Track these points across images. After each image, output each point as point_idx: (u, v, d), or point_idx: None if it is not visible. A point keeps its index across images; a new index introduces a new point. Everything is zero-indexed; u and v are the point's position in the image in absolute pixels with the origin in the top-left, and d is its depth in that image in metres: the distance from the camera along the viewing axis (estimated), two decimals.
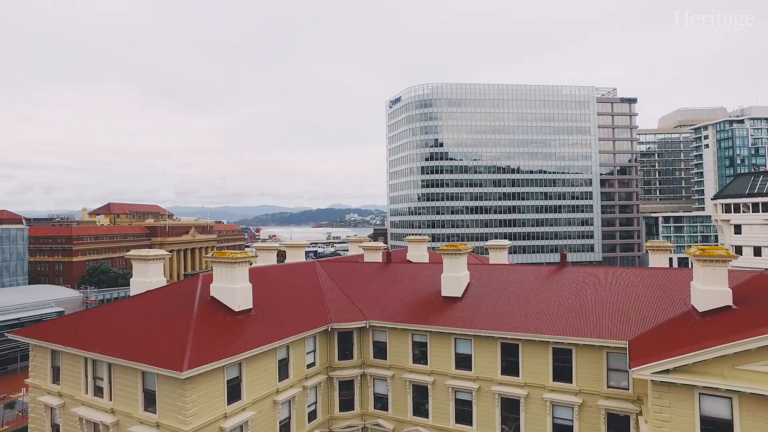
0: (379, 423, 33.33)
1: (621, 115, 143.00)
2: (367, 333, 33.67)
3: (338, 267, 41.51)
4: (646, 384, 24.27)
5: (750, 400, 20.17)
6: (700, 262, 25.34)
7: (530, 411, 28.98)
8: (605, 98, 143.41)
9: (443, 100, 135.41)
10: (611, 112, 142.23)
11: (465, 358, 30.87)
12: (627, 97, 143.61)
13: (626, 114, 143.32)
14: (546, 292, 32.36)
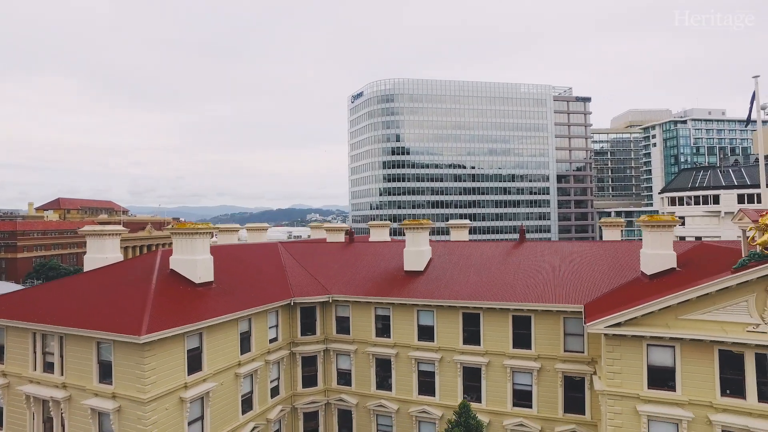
0: (342, 398, 33.36)
1: (576, 113, 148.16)
2: (330, 308, 33.65)
3: (300, 247, 41.30)
4: (600, 346, 25.41)
5: (690, 346, 21.51)
6: (648, 228, 26.70)
7: (491, 378, 29.68)
8: (561, 97, 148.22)
9: (405, 96, 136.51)
10: (567, 110, 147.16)
11: (427, 330, 31.32)
12: (581, 96, 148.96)
13: (581, 112, 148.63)
14: (506, 264, 33.24)
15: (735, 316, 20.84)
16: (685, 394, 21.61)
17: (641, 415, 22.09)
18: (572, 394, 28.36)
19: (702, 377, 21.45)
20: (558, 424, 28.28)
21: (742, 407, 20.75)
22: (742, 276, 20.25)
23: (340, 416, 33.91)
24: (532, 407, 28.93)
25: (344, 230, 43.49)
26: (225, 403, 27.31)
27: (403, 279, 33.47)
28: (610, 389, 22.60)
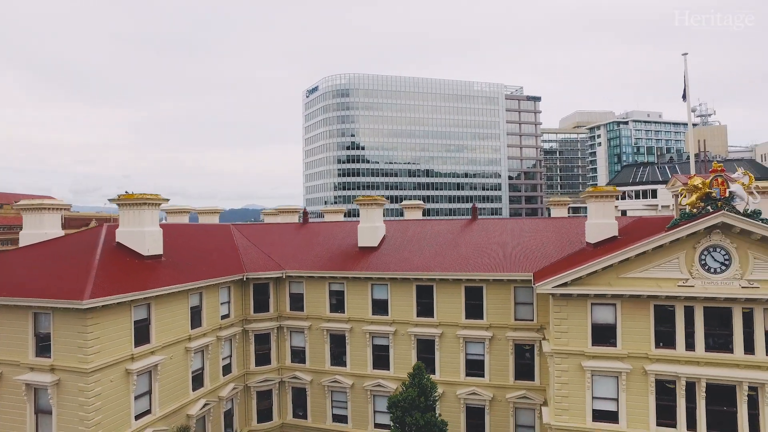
0: (296, 375, 33.10)
1: (526, 111, 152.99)
2: (284, 284, 33.31)
3: (254, 228, 40.68)
4: (548, 313, 26.35)
5: (629, 303, 22.77)
6: (593, 198, 27.98)
7: (444, 349, 30.21)
8: (513, 96, 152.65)
9: (360, 91, 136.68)
10: (518, 108, 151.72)
11: (382, 304, 31.54)
12: (532, 95, 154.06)
13: (531, 111, 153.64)
14: (459, 239, 33.93)
15: (668, 273, 22.19)
16: (625, 348, 22.81)
17: (586, 370, 23.13)
18: (522, 361, 29.29)
19: (639, 332, 22.70)
20: (509, 391, 29.13)
21: (672, 356, 22.17)
22: (674, 234, 21.59)
23: (295, 394, 33.63)
24: (484, 376, 29.66)
25: (298, 211, 43.13)
26: (175, 378, 26.57)
27: (357, 255, 33.56)
28: (558, 348, 23.54)
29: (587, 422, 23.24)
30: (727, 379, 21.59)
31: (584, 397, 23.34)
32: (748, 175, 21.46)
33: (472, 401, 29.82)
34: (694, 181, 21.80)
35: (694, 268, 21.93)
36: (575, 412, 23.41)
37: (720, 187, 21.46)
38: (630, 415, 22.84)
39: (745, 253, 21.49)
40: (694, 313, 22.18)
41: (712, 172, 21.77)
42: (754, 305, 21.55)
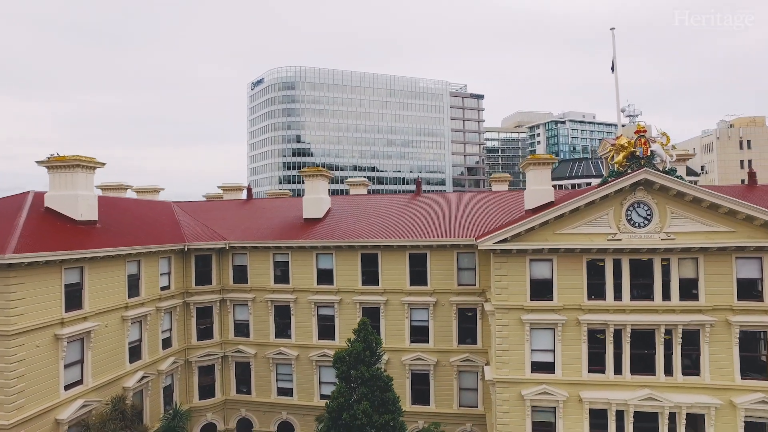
0: (240, 349, 32.47)
1: (470, 109, 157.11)
2: (227, 256, 32.61)
3: (196, 205, 39.51)
4: (489, 277, 27.30)
5: (564, 258, 24.05)
6: (531, 166, 29.23)
7: (390, 317, 30.57)
8: (457, 93, 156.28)
9: (307, 84, 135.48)
10: (462, 106, 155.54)
11: (327, 273, 31.50)
12: (476, 93, 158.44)
13: (475, 108, 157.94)
14: (404, 211, 34.48)
15: (598, 228, 23.60)
16: (561, 301, 24.03)
17: (525, 323, 24.16)
18: (465, 325, 30.12)
19: (573, 285, 23.99)
20: (452, 355, 29.88)
21: (602, 306, 23.63)
22: (603, 190, 23.01)
23: (238, 369, 32.98)
24: (428, 341, 30.28)
25: (243, 188, 42.31)
26: (110, 347, 25.45)
27: (302, 226, 33.37)
28: (499, 303, 24.44)
29: (526, 374, 24.29)
30: (648, 323, 23.25)
31: (523, 349, 24.36)
32: (666, 136, 23.21)
33: (417, 367, 30.38)
34: (621, 141, 23.34)
35: (621, 222, 23.44)
36: (515, 364, 24.39)
37: (643, 146, 23.09)
38: (565, 364, 24.08)
39: (664, 208, 23.22)
40: (621, 266, 23.71)
41: (636, 133, 23.39)
42: (671, 255, 23.34)
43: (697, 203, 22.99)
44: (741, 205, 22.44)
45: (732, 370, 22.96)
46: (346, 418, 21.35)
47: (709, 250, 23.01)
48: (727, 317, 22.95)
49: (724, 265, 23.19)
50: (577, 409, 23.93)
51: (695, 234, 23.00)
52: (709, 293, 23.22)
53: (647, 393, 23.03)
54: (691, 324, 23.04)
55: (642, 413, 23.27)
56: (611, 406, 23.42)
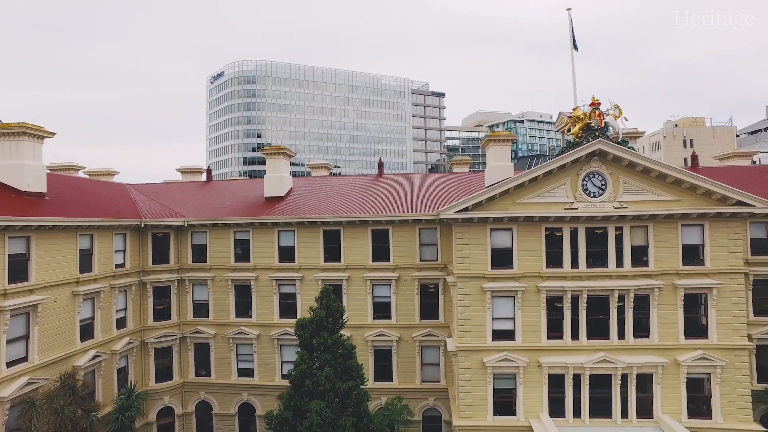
0: (199, 330, 31.68)
1: (432, 107, 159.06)
2: (186, 234, 31.76)
3: (153, 186, 38.33)
4: (451, 252, 27.71)
5: (524, 227, 24.69)
6: (491, 143, 29.82)
7: (352, 293, 30.48)
8: (419, 91, 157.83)
9: (268, 78, 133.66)
10: (424, 103, 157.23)
11: (288, 250, 31.16)
12: (437, 92, 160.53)
13: (436, 106, 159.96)
14: (366, 191, 34.54)
15: (556, 198, 24.36)
16: (520, 269, 24.62)
17: (486, 291, 24.61)
18: (427, 301, 30.37)
19: (533, 253, 24.64)
20: (415, 330, 30.09)
21: (560, 273, 24.39)
22: (560, 160, 23.78)
23: (197, 350, 32.17)
24: (391, 317, 30.38)
25: (202, 171, 41.33)
26: (59, 323, 24.34)
27: (263, 205, 32.90)
28: (461, 272, 24.80)
29: (488, 342, 24.76)
30: (603, 289, 24.15)
31: (485, 318, 24.82)
32: (618, 109, 24.21)
33: (380, 343, 30.43)
34: (577, 113, 24.20)
35: (577, 192, 24.26)
36: (477, 333, 24.81)
37: (597, 118, 24.01)
38: (525, 331, 24.68)
39: (617, 178, 24.20)
40: (578, 234, 24.53)
41: (591, 105, 24.28)
42: (623, 223, 24.33)
43: (646, 173, 24.06)
44: (685, 174, 23.67)
45: (677, 331, 24.15)
46: (308, 384, 21.17)
47: (657, 217, 24.12)
48: (674, 281, 24.12)
49: (670, 233, 24.37)
50: (537, 375, 24.57)
51: (645, 203, 24.07)
52: (657, 259, 24.34)
53: (602, 356, 23.90)
54: (642, 288, 24.08)
55: (597, 375, 24.14)
56: (569, 370, 24.18)
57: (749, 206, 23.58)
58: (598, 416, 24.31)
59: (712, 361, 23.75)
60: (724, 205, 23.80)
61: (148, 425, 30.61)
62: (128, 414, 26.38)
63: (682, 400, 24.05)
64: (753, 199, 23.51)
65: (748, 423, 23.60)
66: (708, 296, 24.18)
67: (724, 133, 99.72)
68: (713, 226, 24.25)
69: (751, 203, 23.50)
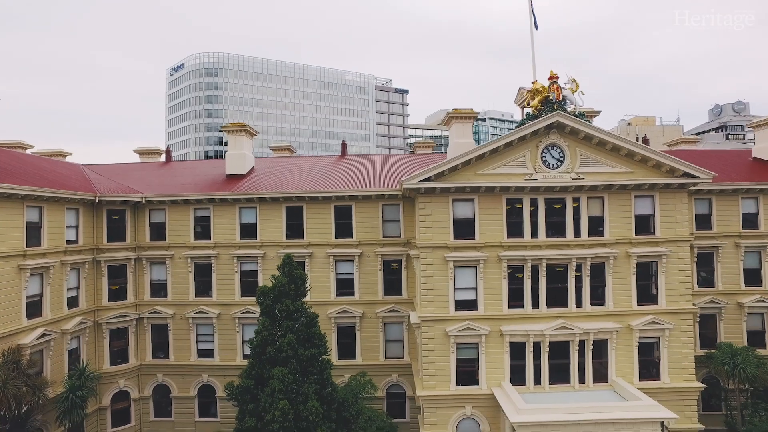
0: (157, 310, 30.76)
1: (395, 103, 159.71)
2: (143, 212, 30.77)
3: (108, 167, 36.89)
4: (413, 227, 27.92)
5: (485, 198, 25.17)
6: (454, 120, 30.20)
7: (315, 270, 30.23)
8: (383, 87, 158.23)
9: (230, 71, 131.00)
10: (387, 100, 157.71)
11: (250, 228, 30.67)
12: (401, 88, 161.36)
13: (399, 103, 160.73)
14: (330, 170, 34.38)
15: (517, 169, 24.93)
16: (482, 239, 25.04)
17: (448, 261, 24.91)
18: (391, 277, 30.48)
19: (494, 224, 25.11)
20: (378, 306, 30.12)
21: (521, 243, 24.97)
22: (520, 131, 24.38)
23: (155, 331, 31.22)
24: (354, 294, 30.32)
25: (161, 152, 40.14)
26: (2, 298, 23.11)
27: (224, 182, 32.28)
28: (423, 242, 25.01)
29: (450, 311, 25.07)
30: (561, 258, 24.87)
31: (447, 288, 25.12)
32: (575, 83, 24.98)
33: (343, 320, 30.33)
34: (536, 86, 24.82)
35: (537, 164, 24.89)
36: (440, 303, 25.09)
37: (556, 91, 24.70)
38: (487, 300, 25.13)
39: (575, 150, 24.98)
40: (538, 205, 25.18)
41: (550, 79, 24.95)
42: (580, 194, 25.13)
43: (602, 146, 24.91)
44: (638, 146, 24.71)
45: (630, 298, 25.15)
46: (270, 352, 20.87)
47: (612, 188, 25.02)
48: (627, 250, 25.09)
49: (624, 203, 25.34)
50: (499, 344, 25.04)
51: (601, 174, 24.94)
52: (612, 229, 25.25)
53: (561, 323, 24.59)
54: (598, 257, 24.93)
55: (556, 343, 24.83)
56: (529, 337, 24.76)
57: (694, 177, 24.79)
58: (557, 383, 25.01)
59: (661, 324, 24.84)
60: (672, 177, 24.93)
61: (101, 410, 29.48)
62: (80, 394, 25.32)
63: (634, 363, 25.04)
64: (697, 170, 24.72)
65: (691, 381, 24.86)
66: (658, 264, 25.26)
67: (672, 131, 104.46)
68: (663, 197, 25.35)
69: (696, 174, 24.71)
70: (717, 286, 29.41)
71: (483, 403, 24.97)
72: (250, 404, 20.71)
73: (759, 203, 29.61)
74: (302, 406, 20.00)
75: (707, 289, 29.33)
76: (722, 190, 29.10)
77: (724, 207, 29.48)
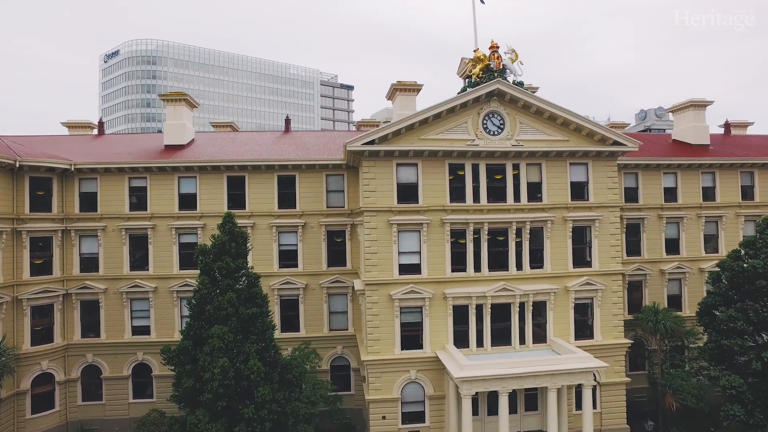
0: (87, 285, 29.00)
1: (341, 99, 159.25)
2: (72, 181, 28.97)
3: (33, 139, 34.48)
4: (358, 198, 27.88)
5: (428, 163, 25.57)
6: (398, 92, 30.43)
7: (258, 241, 29.51)
8: (328, 82, 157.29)
9: (170, 60, 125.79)
10: (332, 95, 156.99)
11: (190, 198, 29.59)
12: (346, 84, 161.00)
13: (345, 99, 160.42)
14: (273, 144, 33.81)
15: (459, 135, 25.46)
16: (425, 204, 25.37)
17: (392, 225, 25.05)
18: (335, 248, 30.26)
19: (437, 188, 25.52)
20: (322, 278, 29.83)
21: (463, 207, 25.51)
22: (461, 97, 24.93)
23: (84, 308, 29.43)
24: (297, 265, 29.87)
25: (92, 126, 37.94)
26: None
27: (162, 152, 30.97)
28: (367, 206, 25.02)
29: (395, 275, 25.20)
30: (502, 222, 25.62)
31: (391, 252, 25.24)
32: (515, 52, 25.83)
33: (287, 292, 29.80)
34: (478, 54, 25.48)
35: (478, 130, 25.53)
36: (384, 267, 25.16)
37: (496, 60, 25.43)
38: (430, 264, 25.46)
39: (514, 118, 25.83)
40: (479, 170, 25.81)
41: (491, 48, 25.67)
42: (520, 160, 26.02)
43: (540, 114, 25.91)
44: (572, 115, 25.80)
45: (567, 260, 26.28)
46: (209, 310, 20.16)
47: (549, 155, 26.07)
48: (563, 214, 26.21)
49: (561, 170, 26.47)
50: (442, 307, 25.44)
51: (539, 142, 25.95)
52: (550, 194, 26.30)
53: (502, 285, 25.32)
54: (537, 221, 25.88)
55: (498, 305, 25.55)
56: (472, 300, 25.32)
57: (623, 145, 26.28)
58: (499, 344, 25.73)
59: (594, 285, 26.12)
60: (604, 145, 26.29)
61: (19, 395, 27.21)
62: None
63: (570, 324, 26.18)
64: (625, 139, 26.26)
65: (620, 338, 26.35)
66: (591, 228, 26.56)
67: None
68: (595, 165, 26.70)
69: (624, 142, 26.22)
70: (643, 254, 31.32)
71: (427, 367, 25.29)
72: (187, 365, 19.89)
73: (678, 178, 31.91)
74: (243, 365, 19.44)
75: (634, 257, 31.16)
76: (647, 165, 31.06)
77: (648, 181, 31.49)
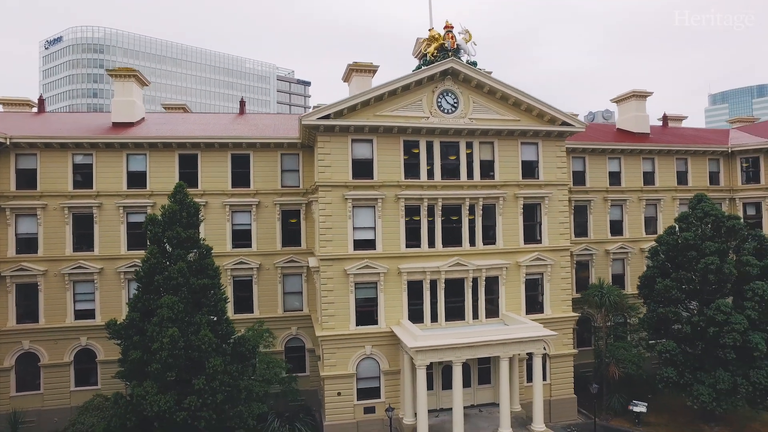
0: (24, 267, 27.49)
1: (297, 95, 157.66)
2: (7, 157, 27.40)
3: None
4: (312, 176, 27.76)
5: (383, 139, 25.82)
6: (354, 72, 30.48)
7: (210, 220, 28.80)
8: (284, 78, 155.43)
9: (119, 49, 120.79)
10: (289, 90, 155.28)
11: (139, 176, 28.62)
12: (303, 80, 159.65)
13: (302, 95, 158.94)
14: (228, 124, 33.14)
15: (414, 112, 25.80)
16: (380, 179, 25.53)
17: (347, 200, 25.08)
18: (289, 228, 30.00)
19: (392, 164, 25.74)
20: (277, 258, 29.49)
21: (418, 183, 25.89)
22: (416, 75, 25.32)
23: (21, 292, 27.87)
24: (251, 245, 29.41)
25: (32, 104, 36.02)
26: None
27: (110, 129, 29.79)
28: (322, 181, 24.92)
29: (349, 250, 25.22)
30: (456, 198, 26.12)
31: (346, 227, 25.25)
32: (468, 33, 26.40)
33: (240, 272, 29.29)
34: (433, 33, 25.90)
35: (432, 108, 25.94)
36: (339, 242, 25.13)
37: (451, 40, 25.91)
38: (385, 240, 25.64)
39: (468, 98, 26.40)
40: (434, 148, 26.22)
41: (445, 28, 26.14)
42: (473, 138, 26.61)
43: (492, 94, 26.59)
44: (523, 95, 26.60)
45: (518, 237, 27.05)
46: (158, 280, 19.55)
47: (501, 134, 26.79)
48: (515, 192, 26.99)
49: (512, 149, 27.24)
50: (397, 283, 25.64)
51: (492, 121, 26.61)
52: (502, 172, 27.02)
53: (456, 260, 25.78)
54: (489, 197, 26.53)
55: (452, 280, 25.98)
56: (426, 275, 25.65)
57: (571, 126, 27.33)
58: (453, 319, 26.16)
59: (544, 261, 27.01)
60: (553, 126, 27.26)
61: None
62: None
63: (521, 298, 26.97)
64: (573, 120, 27.33)
65: (568, 312, 27.41)
66: (541, 205, 27.46)
67: None
68: (545, 145, 27.64)
69: (572, 123, 27.29)
70: (590, 235, 32.68)
71: (382, 342, 25.45)
72: (135, 337, 19.22)
73: (621, 163, 33.54)
74: (194, 336, 18.96)
75: (582, 238, 32.46)
76: (593, 150, 32.47)
77: (595, 165, 32.93)
